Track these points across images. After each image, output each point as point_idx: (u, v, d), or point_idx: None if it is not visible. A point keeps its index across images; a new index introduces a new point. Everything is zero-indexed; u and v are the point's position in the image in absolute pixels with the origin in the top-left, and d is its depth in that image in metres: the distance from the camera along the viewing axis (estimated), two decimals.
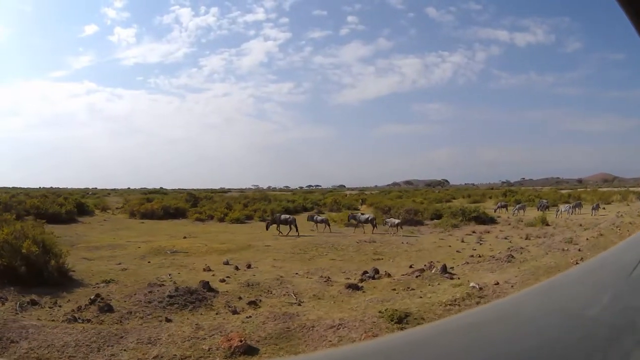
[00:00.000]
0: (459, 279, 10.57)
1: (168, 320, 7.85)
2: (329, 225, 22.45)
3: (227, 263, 13.65)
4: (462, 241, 18.12)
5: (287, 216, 21.61)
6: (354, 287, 9.97)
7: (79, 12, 76.43)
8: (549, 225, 23.31)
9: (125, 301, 8.75)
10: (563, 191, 43.10)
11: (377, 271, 11.96)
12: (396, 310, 7.68)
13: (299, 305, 8.81)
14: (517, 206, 29.97)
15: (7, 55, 67.23)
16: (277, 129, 77.65)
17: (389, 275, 11.47)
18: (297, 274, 12.31)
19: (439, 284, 10.12)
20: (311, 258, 14.98)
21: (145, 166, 71.49)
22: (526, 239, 18.32)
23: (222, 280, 11.16)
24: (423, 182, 78.84)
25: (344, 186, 73.61)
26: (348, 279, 11.49)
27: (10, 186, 49.06)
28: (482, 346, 0.85)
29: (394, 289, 9.86)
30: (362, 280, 10.99)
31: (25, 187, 50.02)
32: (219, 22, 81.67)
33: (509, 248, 14.75)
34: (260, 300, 9.21)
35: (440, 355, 0.82)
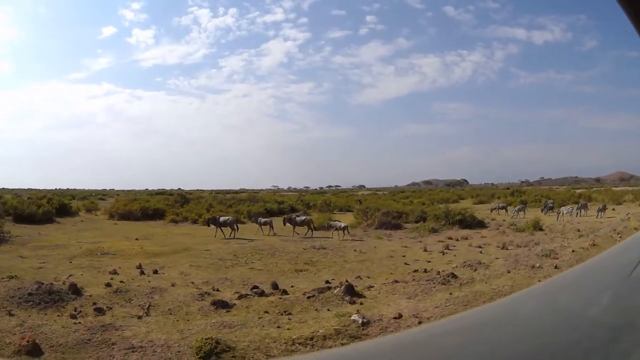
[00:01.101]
0: (360, 304, 8.33)
1: (11, 315, 8.03)
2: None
3: (139, 267, 12.84)
4: (425, 250, 15.55)
5: (226, 218, 20.58)
6: (223, 305, 8.68)
7: (96, 14, 77.84)
8: (542, 230, 20.18)
9: None
10: (578, 190, 38.93)
11: (275, 286, 10.19)
12: (217, 342, 6.22)
13: (139, 318, 8.15)
14: (517, 207, 26.60)
15: (23, 57, 69.09)
16: (298, 129, 76.57)
17: (284, 292, 9.69)
18: (192, 282, 11.15)
19: (328, 310, 8.13)
20: (231, 266, 13.45)
21: (165, 167, 72.06)
22: (502, 248, 15.50)
23: (108, 284, 10.49)
24: (442, 182, 75.28)
25: (364, 186, 71.43)
26: (237, 292, 9.88)
27: (26, 187, 50.05)
28: (482, 346, 0.83)
29: (267, 312, 8.30)
30: (242, 297, 9.27)
31: (41, 188, 50.70)
32: (237, 22, 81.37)
33: (464, 262, 12.11)
34: (110, 309, 8.74)
35: (440, 355, 0.79)
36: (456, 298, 8.39)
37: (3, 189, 46.27)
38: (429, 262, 13.43)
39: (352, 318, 7.42)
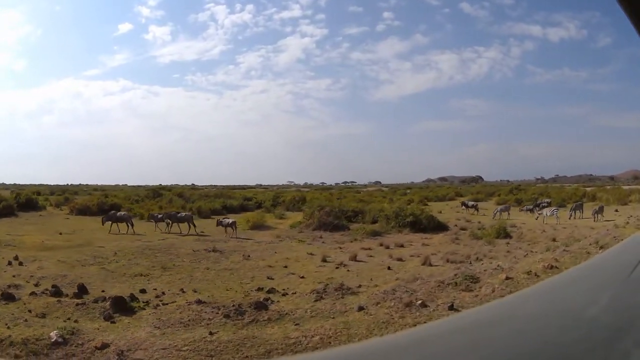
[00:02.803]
0: (112, 322, 7.71)
1: None
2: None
3: (16, 258, 12.68)
4: (324, 261, 12.33)
5: (122, 213, 20.13)
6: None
7: (113, 11, 78.31)
8: (508, 237, 16.13)
9: None
10: (589, 189, 33.11)
11: (82, 289, 9.47)
12: None
13: None
14: (499, 208, 22.21)
15: (39, 55, 69.88)
16: (315, 125, 74.54)
17: (78, 296, 9.00)
18: (32, 276, 10.77)
19: (67, 320, 7.49)
20: (90, 264, 12.47)
21: (181, 163, 72.08)
22: (424, 264, 11.93)
23: None
24: (458, 178, 72.47)
25: (380, 182, 69.63)
26: (38, 290, 9.35)
27: (37, 183, 51.05)
28: (482, 346, 0.81)
29: (30, 311, 7.92)
30: (33, 294, 9.03)
31: (54, 184, 51.70)
32: (254, 19, 79.73)
33: (326, 286, 8.83)
34: None
35: (440, 355, 0.78)
36: (214, 342, 5.45)
37: (14, 184, 47.23)
38: (303, 278, 10.35)
39: (51, 334, 6.71)
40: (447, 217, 22.39)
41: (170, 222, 18.99)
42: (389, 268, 11.63)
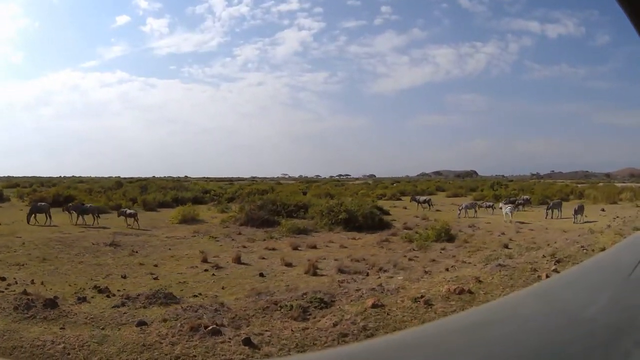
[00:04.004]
0: None
1: None
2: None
3: None
4: (204, 261, 10.41)
5: (43, 204, 19.09)
6: None
7: (110, 3, 77.34)
8: (450, 240, 13.47)
9: None
10: (580, 186, 29.29)
11: None
12: None
13: None
14: (463, 205, 19.30)
15: (37, 47, 69.41)
16: (312, 118, 72.66)
17: None
18: None
19: None
20: None
21: (178, 155, 71.50)
22: (307, 272, 9.62)
23: None
24: (453, 172, 70.05)
25: (374, 176, 68.52)
26: None
27: (32, 175, 51.24)
28: (482, 346, 0.80)
29: None
30: None
31: (47, 176, 51.80)
32: (252, 11, 78.27)
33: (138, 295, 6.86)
34: None
35: (440, 355, 0.77)
36: None
37: (8, 177, 47.43)
38: (156, 279, 8.85)
39: None
40: (403, 215, 19.83)
41: (77, 214, 17.71)
42: (261, 275, 9.46)
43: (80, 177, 55.57)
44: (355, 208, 15.76)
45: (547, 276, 8.44)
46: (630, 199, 20.83)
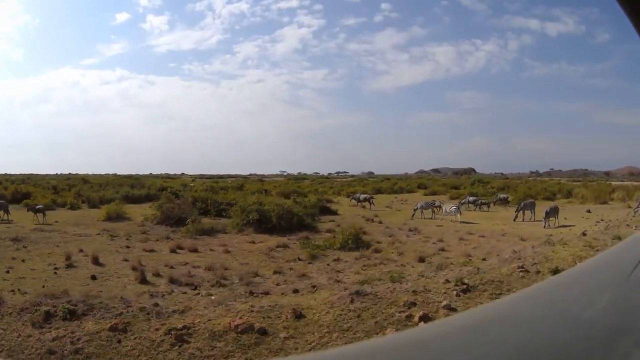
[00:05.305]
0: None
1: None
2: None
3: None
4: (67, 259, 9.06)
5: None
6: None
7: (110, 0, 78.18)
8: (358, 249, 10.89)
9: None
10: (573, 184, 25.41)
11: None
12: None
13: None
14: (420, 204, 16.47)
15: (37, 44, 69.74)
16: (312, 115, 71.21)
17: None
18: None
19: None
20: None
21: (178, 152, 71.13)
22: (137, 279, 7.56)
23: None
24: (452, 170, 67.73)
25: (373, 173, 67.57)
26: None
27: (29, 172, 51.48)
28: (482, 346, 0.78)
29: None
30: None
31: (45, 173, 52.20)
32: (252, 9, 77.31)
33: None
34: None
35: (440, 355, 0.75)
36: None
37: (5, 174, 47.98)
38: None
39: None
40: (351, 214, 17.28)
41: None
42: (93, 277, 7.72)
43: (76, 174, 55.61)
44: (272, 208, 13.44)
45: (423, 321, 5.86)
46: (622, 199, 17.32)
